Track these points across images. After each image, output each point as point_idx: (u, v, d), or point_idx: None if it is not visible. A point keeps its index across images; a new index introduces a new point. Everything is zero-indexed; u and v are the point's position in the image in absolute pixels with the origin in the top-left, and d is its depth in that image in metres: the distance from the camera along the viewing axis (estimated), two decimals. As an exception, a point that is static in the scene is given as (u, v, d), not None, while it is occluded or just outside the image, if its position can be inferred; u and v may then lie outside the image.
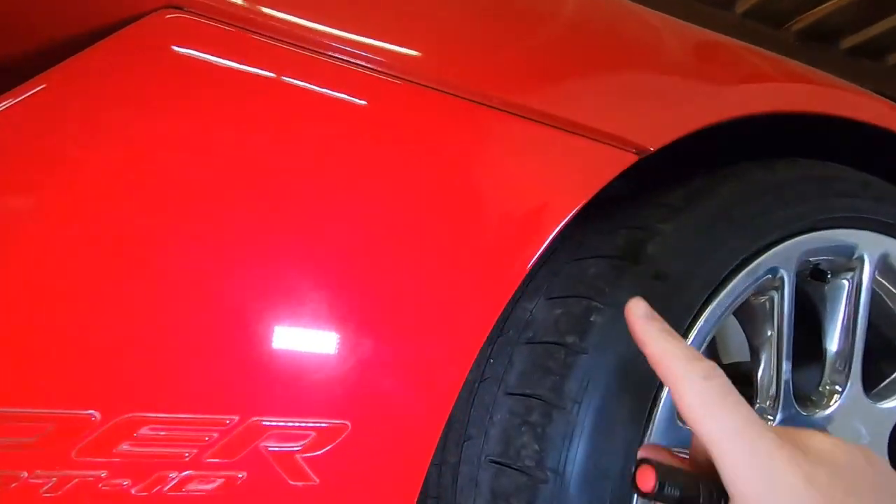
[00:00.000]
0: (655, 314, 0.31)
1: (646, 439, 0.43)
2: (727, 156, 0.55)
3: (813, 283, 0.59)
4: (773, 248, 0.50)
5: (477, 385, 0.52)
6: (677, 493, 0.26)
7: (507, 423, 0.47)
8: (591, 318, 0.45)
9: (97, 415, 0.31)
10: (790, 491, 0.25)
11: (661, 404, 0.44)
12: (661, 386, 0.44)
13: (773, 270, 0.51)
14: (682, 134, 0.45)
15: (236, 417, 0.33)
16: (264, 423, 0.34)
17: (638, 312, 0.30)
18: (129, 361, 0.31)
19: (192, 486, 0.33)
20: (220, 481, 0.33)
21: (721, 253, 0.48)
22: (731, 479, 0.26)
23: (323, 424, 0.35)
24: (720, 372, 0.28)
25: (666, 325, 0.30)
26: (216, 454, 0.33)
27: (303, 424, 0.35)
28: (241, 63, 0.34)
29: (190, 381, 0.33)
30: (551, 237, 0.41)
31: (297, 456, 0.35)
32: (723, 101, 0.47)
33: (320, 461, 0.35)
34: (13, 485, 0.30)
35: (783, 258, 0.51)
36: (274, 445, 0.34)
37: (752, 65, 0.52)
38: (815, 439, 0.27)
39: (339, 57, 0.36)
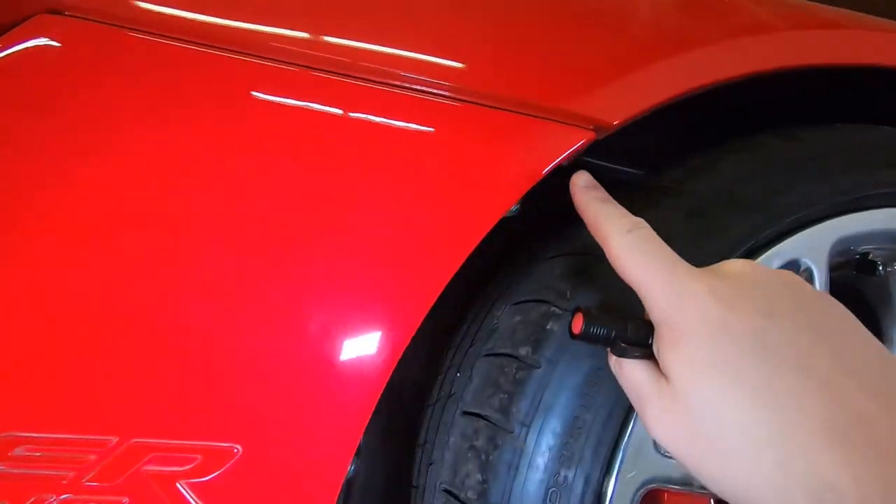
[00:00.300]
0: (597, 184, 0.33)
1: (613, 472, 0.35)
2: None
3: (865, 277, 0.47)
4: (791, 234, 0.40)
5: (445, 402, 0.46)
6: (603, 332, 0.28)
7: (458, 447, 0.41)
8: (548, 326, 0.38)
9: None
10: (695, 302, 0.25)
11: (631, 431, 0.35)
12: (631, 410, 0.36)
13: (794, 263, 0.40)
14: (653, 104, 0.37)
15: (116, 438, 0.31)
16: (145, 443, 0.31)
17: (580, 182, 0.33)
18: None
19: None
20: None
21: (716, 242, 0.39)
22: (651, 309, 0.27)
23: (211, 446, 0.32)
24: (645, 225, 0.29)
25: (605, 195, 0.32)
26: (95, 477, 0.31)
27: (187, 445, 0.31)
28: (118, 57, 0.32)
29: (67, 398, 0.31)
30: (486, 231, 0.35)
31: (181, 481, 0.31)
32: (705, 61, 0.38)
33: (207, 488, 0.32)
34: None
35: (808, 247, 0.41)
36: (156, 468, 0.31)
37: (745, 13, 0.42)
38: (733, 264, 0.28)
39: (220, 46, 0.33)
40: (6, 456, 0.30)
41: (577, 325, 0.29)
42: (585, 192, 0.32)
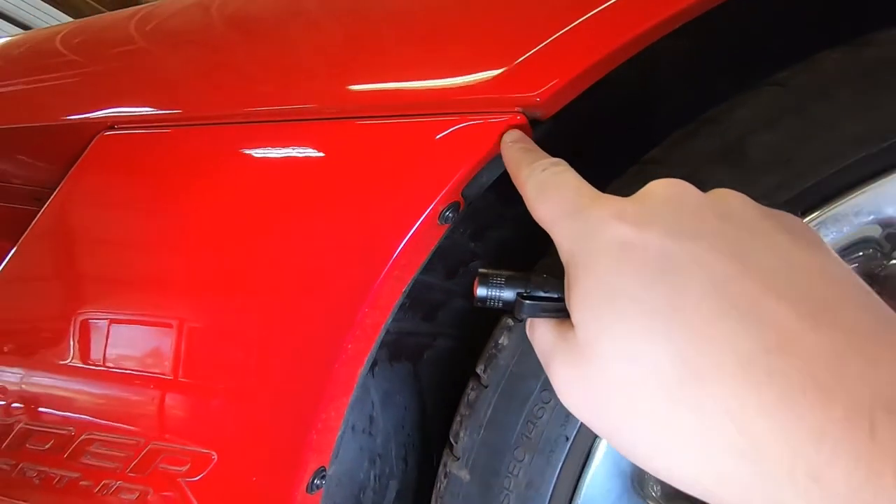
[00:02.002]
0: (525, 137, 0.31)
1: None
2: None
3: None
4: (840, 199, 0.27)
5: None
6: (502, 292, 0.25)
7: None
8: (500, 342, 0.34)
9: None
10: (598, 229, 0.21)
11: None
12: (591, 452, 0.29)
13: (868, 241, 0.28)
14: (579, 71, 0.32)
15: (144, 440, 0.40)
16: (158, 447, 0.39)
17: (507, 139, 0.32)
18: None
19: (121, 495, 0.40)
20: (137, 493, 0.40)
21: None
22: (559, 247, 0.23)
23: (198, 451, 0.38)
24: (562, 163, 0.27)
25: (530, 144, 0.30)
26: (134, 469, 0.40)
27: (183, 450, 0.38)
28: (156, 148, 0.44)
29: (116, 408, 0.41)
30: (404, 241, 0.34)
31: (181, 479, 0.38)
32: (625, 12, 0.31)
33: (199, 487, 0.38)
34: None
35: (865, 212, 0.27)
36: (166, 467, 0.39)
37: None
38: (659, 184, 0.22)
39: (210, 122, 0.41)
40: (85, 451, 0.41)
41: (476, 288, 0.26)
42: (511, 146, 0.31)
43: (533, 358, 0.33)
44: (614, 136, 0.49)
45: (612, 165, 0.40)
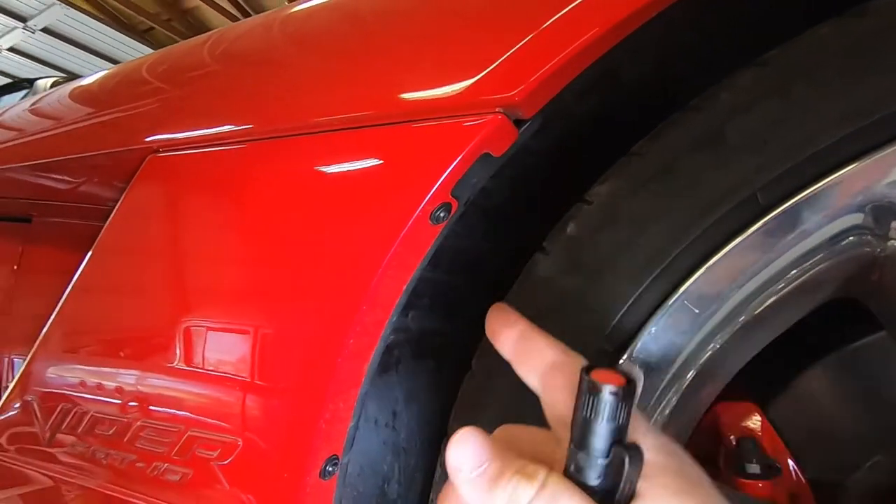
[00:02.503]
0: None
1: None
2: None
3: None
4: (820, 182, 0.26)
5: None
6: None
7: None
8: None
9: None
10: None
11: None
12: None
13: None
14: (556, 68, 0.32)
15: (183, 427, 0.45)
16: (194, 435, 0.44)
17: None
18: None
19: (168, 476, 0.45)
20: (180, 475, 0.44)
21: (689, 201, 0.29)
22: None
23: (226, 439, 0.42)
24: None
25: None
26: (178, 453, 0.45)
27: (214, 436, 0.43)
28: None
29: (168, 399, 0.46)
30: (396, 242, 0.37)
31: (214, 463, 0.42)
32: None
33: (228, 470, 0.42)
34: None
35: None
36: (202, 452, 0.43)
37: None
38: None
39: (238, 140, 0.46)
40: (139, 436, 0.47)
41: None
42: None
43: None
44: (621, 132, 0.48)
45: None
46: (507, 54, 0.33)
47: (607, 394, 0.20)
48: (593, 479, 0.21)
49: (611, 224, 0.32)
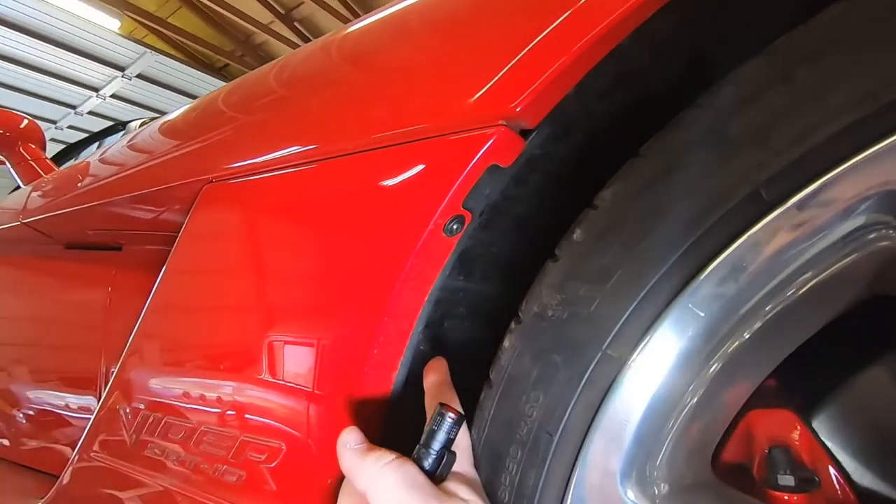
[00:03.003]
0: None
1: None
2: None
3: None
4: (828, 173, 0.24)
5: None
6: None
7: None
8: (504, 344, 0.36)
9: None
10: None
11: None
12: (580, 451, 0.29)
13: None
14: (554, 76, 0.33)
15: (238, 432, 0.49)
16: (246, 440, 0.48)
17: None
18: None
19: (227, 478, 0.50)
20: (236, 476, 0.49)
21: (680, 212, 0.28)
22: None
23: (271, 444, 0.45)
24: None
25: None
26: (234, 455, 0.49)
27: (262, 441, 0.46)
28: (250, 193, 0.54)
29: (224, 405, 0.51)
30: (412, 255, 0.38)
31: (263, 466, 0.46)
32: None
33: (274, 472, 0.45)
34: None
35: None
36: (253, 456, 0.47)
37: None
38: None
39: (287, 166, 0.50)
40: (202, 440, 0.52)
41: None
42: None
43: (526, 358, 0.34)
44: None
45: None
46: (506, 68, 0.34)
47: (448, 417, 0.34)
48: (427, 465, 0.33)
49: (616, 228, 0.31)
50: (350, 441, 0.36)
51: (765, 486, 0.33)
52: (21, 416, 0.94)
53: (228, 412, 0.50)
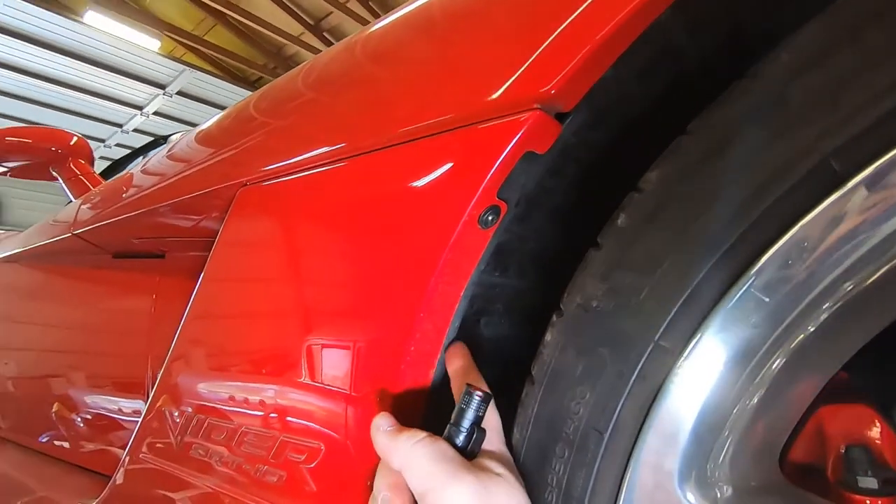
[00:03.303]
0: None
1: None
2: None
3: None
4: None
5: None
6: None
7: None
8: (546, 338, 0.34)
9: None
10: None
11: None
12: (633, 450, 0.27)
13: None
14: (590, 53, 0.31)
15: (278, 433, 0.49)
16: (286, 440, 0.48)
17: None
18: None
19: (268, 478, 0.50)
20: (277, 476, 0.49)
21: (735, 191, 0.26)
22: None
23: (310, 444, 0.45)
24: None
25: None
26: (273, 456, 0.49)
27: (301, 442, 0.46)
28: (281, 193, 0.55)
29: (263, 408, 0.51)
30: (447, 248, 0.37)
31: (302, 466, 0.46)
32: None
33: (313, 472, 0.45)
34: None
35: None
36: (293, 456, 0.47)
37: None
38: None
39: (320, 164, 0.50)
40: (244, 441, 0.52)
41: None
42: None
43: (570, 353, 0.32)
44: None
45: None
46: (539, 50, 0.33)
47: (475, 395, 0.35)
48: (458, 441, 0.34)
49: (661, 212, 0.29)
50: (383, 424, 0.37)
51: (841, 489, 0.30)
52: (77, 419, 0.98)
53: (268, 415, 0.50)
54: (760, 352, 0.27)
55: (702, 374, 0.27)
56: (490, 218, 0.38)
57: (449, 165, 0.37)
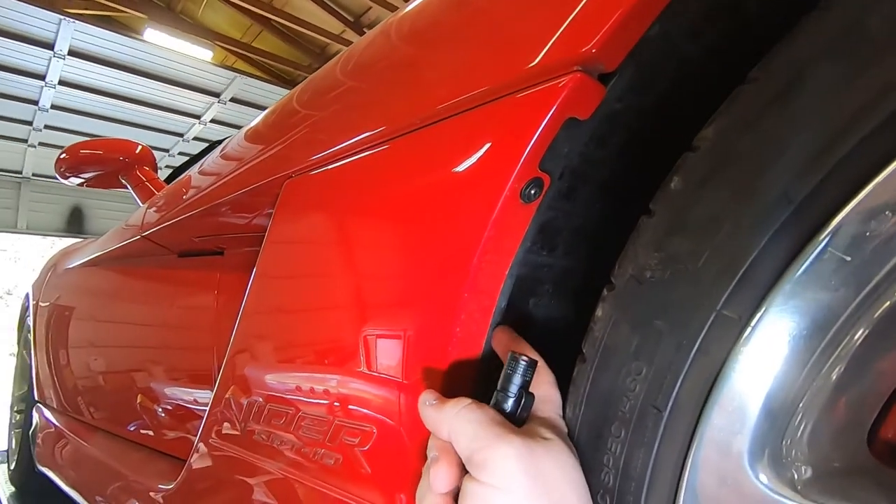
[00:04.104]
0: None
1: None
2: None
3: None
4: None
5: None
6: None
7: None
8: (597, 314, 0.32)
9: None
10: None
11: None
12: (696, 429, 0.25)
13: None
14: (630, 5, 0.29)
15: (332, 418, 0.50)
16: (340, 424, 0.48)
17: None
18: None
19: (325, 461, 0.51)
20: (333, 461, 0.50)
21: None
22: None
23: (363, 428, 0.46)
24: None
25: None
26: (329, 439, 0.50)
27: (355, 425, 0.47)
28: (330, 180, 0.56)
29: (318, 394, 0.53)
30: (489, 225, 0.36)
31: (356, 449, 0.46)
32: None
33: (367, 455, 0.45)
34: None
35: None
36: (348, 440, 0.48)
37: None
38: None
39: (366, 147, 0.50)
40: (301, 426, 0.54)
41: None
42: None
43: (623, 327, 0.31)
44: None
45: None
46: (576, 8, 0.31)
47: (521, 360, 0.35)
48: (506, 407, 0.34)
49: (721, 170, 0.27)
50: (428, 398, 0.37)
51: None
52: (156, 409, 1.05)
53: (322, 402, 0.51)
54: (841, 319, 0.24)
55: (772, 346, 0.25)
56: (533, 192, 0.36)
57: (488, 139, 0.36)
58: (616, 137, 0.43)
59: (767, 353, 0.25)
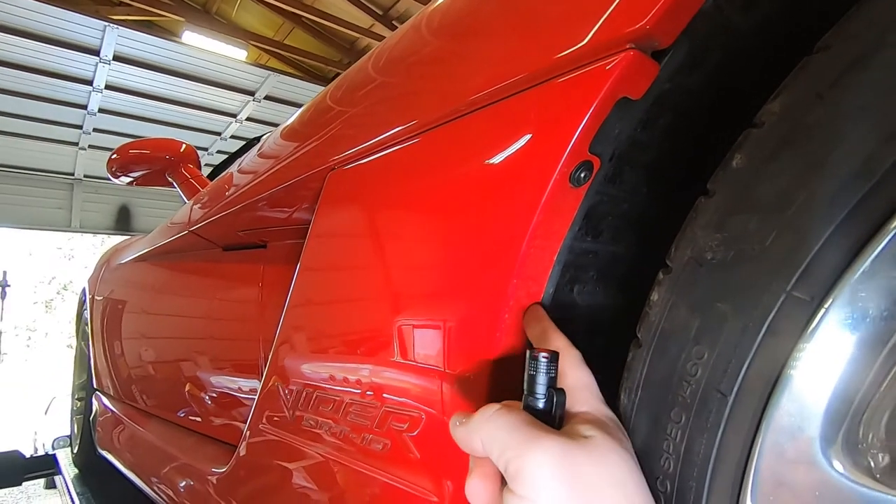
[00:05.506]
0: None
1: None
2: None
3: None
4: None
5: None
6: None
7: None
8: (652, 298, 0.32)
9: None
10: None
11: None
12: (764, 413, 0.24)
13: None
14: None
15: (380, 404, 0.51)
16: (389, 410, 0.49)
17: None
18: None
19: (373, 446, 0.52)
20: (381, 446, 0.51)
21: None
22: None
23: (412, 414, 0.46)
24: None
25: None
26: (377, 425, 0.51)
27: (403, 411, 0.47)
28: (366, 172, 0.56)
29: (368, 384, 0.53)
30: (538, 210, 0.36)
31: (405, 434, 0.47)
32: None
33: (416, 440, 0.46)
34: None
35: None
36: (396, 425, 0.48)
37: None
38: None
39: (403, 139, 0.51)
40: (349, 412, 0.55)
41: None
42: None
43: (681, 311, 0.30)
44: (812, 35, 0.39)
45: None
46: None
47: (541, 357, 0.32)
48: (539, 407, 0.32)
49: (789, 145, 0.25)
50: (456, 419, 0.35)
51: None
52: (206, 397, 1.09)
53: (368, 391, 0.52)
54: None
55: (847, 328, 0.23)
56: (583, 175, 0.36)
57: (537, 123, 0.36)
58: (664, 118, 0.42)
59: (842, 336, 0.24)
